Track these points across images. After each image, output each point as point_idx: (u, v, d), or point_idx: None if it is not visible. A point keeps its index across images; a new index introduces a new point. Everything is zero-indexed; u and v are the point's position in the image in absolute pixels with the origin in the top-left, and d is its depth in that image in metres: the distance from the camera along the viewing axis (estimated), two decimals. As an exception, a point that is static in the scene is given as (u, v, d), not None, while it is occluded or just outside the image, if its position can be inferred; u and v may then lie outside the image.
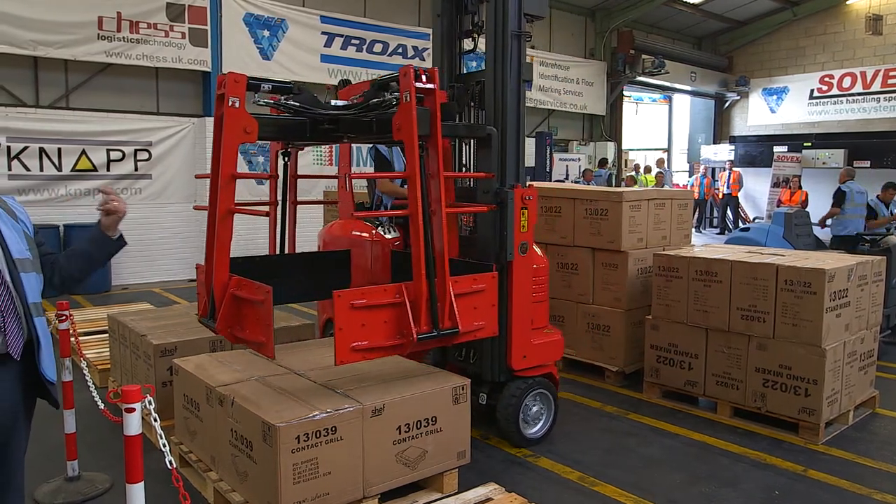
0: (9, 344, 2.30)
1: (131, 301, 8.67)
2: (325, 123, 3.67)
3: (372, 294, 3.32)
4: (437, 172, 3.46)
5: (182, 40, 10.67)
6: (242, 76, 3.30)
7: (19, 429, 2.44)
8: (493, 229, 4.19)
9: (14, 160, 9.47)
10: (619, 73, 18.11)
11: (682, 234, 6.39)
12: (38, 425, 2.83)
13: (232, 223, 3.35)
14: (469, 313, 3.63)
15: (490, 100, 4.22)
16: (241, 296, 3.32)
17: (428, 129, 3.42)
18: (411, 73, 3.31)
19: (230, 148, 3.27)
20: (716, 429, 4.84)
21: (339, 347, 3.19)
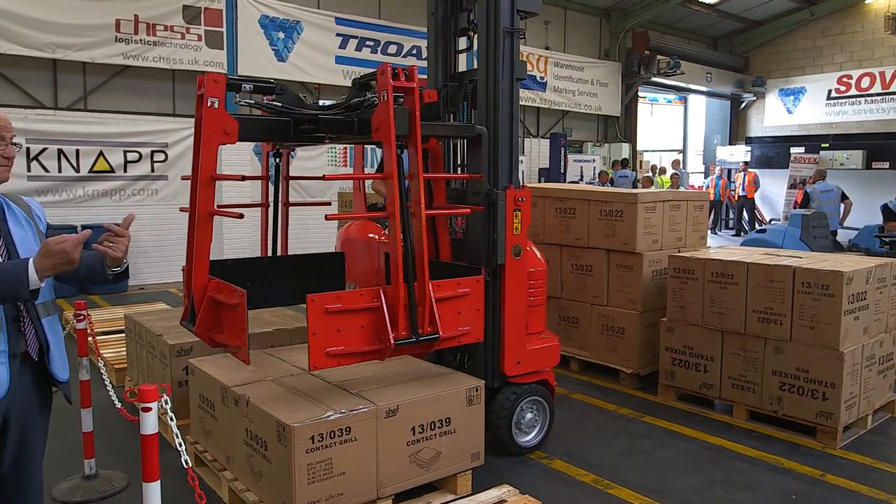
0: (28, 343, 2.33)
1: (147, 301, 8.75)
2: (306, 123, 3.60)
3: (347, 298, 3.23)
4: (417, 173, 3.34)
5: (198, 42, 10.76)
6: (222, 76, 3.24)
7: (38, 427, 2.48)
8: (485, 232, 4.11)
9: (33, 161, 9.59)
10: (634, 73, 18.04)
11: (698, 236, 6.35)
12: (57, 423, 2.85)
13: (211, 225, 3.28)
14: (452, 318, 3.50)
15: (482, 98, 4.16)
16: (218, 299, 3.25)
17: (407, 129, 3.30)
18: (388, 72, 3.21)
19: (210, 149, 3.20)
20: (732, 432, 4.80)
21: (312, 353, 3.08)
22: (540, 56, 16.06)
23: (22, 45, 9.29)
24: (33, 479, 2.50)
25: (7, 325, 2.24)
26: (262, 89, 3.52)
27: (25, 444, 2.42)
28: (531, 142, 16.21)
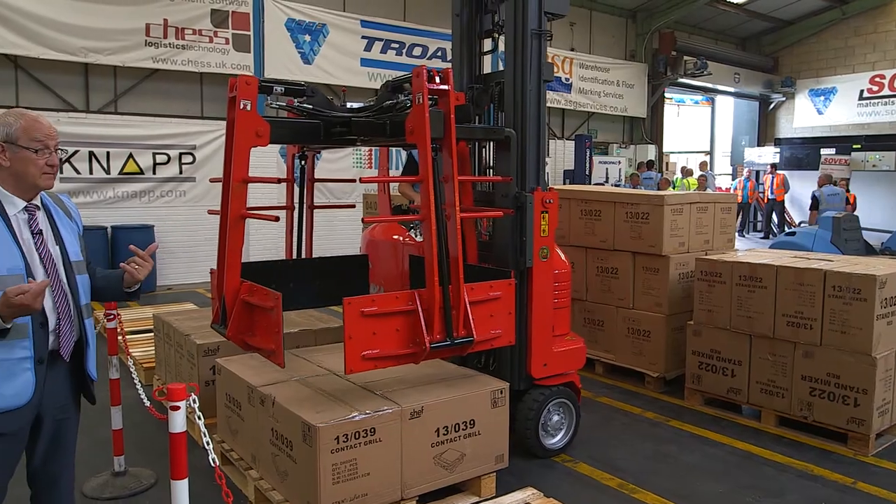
0: (61, 344, 2.37)
1: (175, 301, 8.87)
2: (338, 126, 3.59)
3: (383, 301, 3.21)
4: (452, 176, 3.33)
5: (226, 46, 10.89)
6: (254, 78, 3.25)
7: (70, 423, 2.53)
8: (512, 234, 4.10)
9: (66, 164, 9.77)
10: (661, 74, 17.88)
11: (726, 239, 6.27)
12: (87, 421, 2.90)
13: (243, 228, 3.29)
14: (485, 321, 3.50)
15: (510, 101, 4.15)
16: (251, 302, 3.26)
17: (441, 132, 3.29)
18: (424, 74, 3.19)
19: (242, 151, 3.20)
20: (760, 438, 4.73)
21: (349, 356, 3.08)
22: (565, 57, 15.99)
23: (55, 49, 9.48)
24: (64, 475, 2.56)
25: (33, 331, 2.27)
26: (293, 91, 3.52)
27: (58, 440, 2.47)
28: (556, 143, 16.14)
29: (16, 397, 2.24)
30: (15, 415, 2.26)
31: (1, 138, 2.29)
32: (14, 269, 2.22)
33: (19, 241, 2.29)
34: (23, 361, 2.24)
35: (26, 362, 2.25)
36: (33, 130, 2.31)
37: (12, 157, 2.29)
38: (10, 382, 2.22)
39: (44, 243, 2.36)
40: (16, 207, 2.32)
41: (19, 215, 2.33)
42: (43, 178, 2.35)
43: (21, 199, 2.34)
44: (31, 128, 2.31)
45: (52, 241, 2.40)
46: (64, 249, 2.42)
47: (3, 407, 2.22)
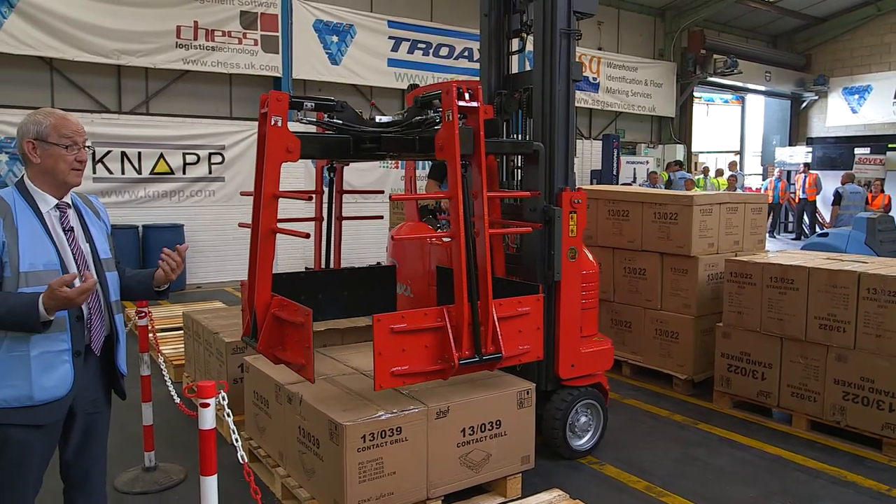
0: (92, 339, 2.43)
1: (204, 299, 8.99)
2: (367, 141, 3.62)
3: (412, 318, 3.22)
4: (481, 192, 3.34)
5: (254, 47, 11.00)
6: (285, 94, 3.28)
7: (101, 418, 2.58)
8: (540, 248, 4.08)
9: (98, 163, 9.96)
10: (690, 73, 17.66)
11: (756, 240, 6.18)
12: (118, 416, 2.96)
13: (274, 243, 3.33)
14: (513, 337, 3.49)
15: (538, 101, 4.13)
16: (282, 317, 3.30)
17: (471, 148, 3.30)
18: (454, 91, 3.20)
19: (273, 167, 3.24)
20: (791, 442, 4.65)
21: (378, 372, 3.09)
22: (593, 56, 15.88)
23: (89, 51, 9.66)
24: (96, 468, 2.61)
25: (70, 324, 2.34)
26: (323, 107, 3.56)
27: (90, 434, 2.53)
28: (583, 143, 16.03)
29: (56, 388, 2.31)
30: (54, 406, 2.33)
31: (32, 136, 2.35)
32: (50, 265, 2.29)
33: (53, 238, 2.35)
34: (62, 354, 2.32)
35: (65, 354, 2.32)
36: (63, 127, 2.36)
37: (43, 154, 2.35)
38: (50, 374, 2.29)
39: (75, 240, 2.42)
40: (48, 205, 2.39)
41: (51, 212, 2.39)
42: (72, 175, 2.40)
43: (53, 197, 2.40)
44: (61, 125, 2.36)
45: (83, 238, 2.46)
46: (94, 247, 2.48)
47: (44, 398, 2.29)
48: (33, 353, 2.26)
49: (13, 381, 2.25)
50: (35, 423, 2.31)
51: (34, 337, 2.25)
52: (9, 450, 2.31)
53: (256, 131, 3.31)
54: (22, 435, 2.30)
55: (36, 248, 2.28)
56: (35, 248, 2.28)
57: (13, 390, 2.25)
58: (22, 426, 2.29)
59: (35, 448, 2.34)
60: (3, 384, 2.24)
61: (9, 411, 2.26)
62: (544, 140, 4.12)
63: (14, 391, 2.25)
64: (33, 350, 2.26)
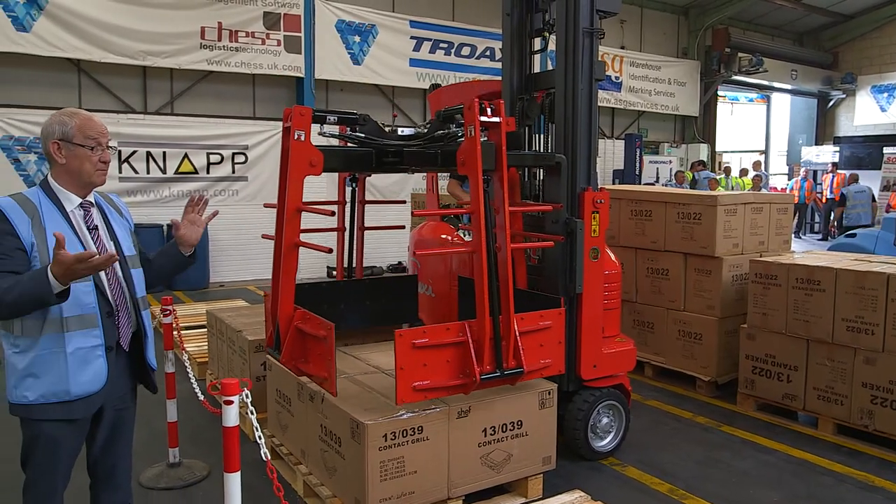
0: (120, 335, 2.47)
1: (228, 298, 9.07)
2: (390, 155, 3.63)
3: (434, 333, 3.20)
4: (503, 206, 3.32)
5: (277, 47, 11.08)
6: (308, 109, 3.30)
7: (128, 414, 2.62)
8: (562, 260, 4.06)
9: (124, 163, 10.10)
10: (714, 72, 17.48)
11: (782, 240, 6.10)
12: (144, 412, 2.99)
13: (297, 256, 3.35)
14: (535, 351, 3.48)
15: (560, 100, 4.11)
16: (304, 330, 3.33)
17: (493, 163, 3.30)
18: (476, 107, 3.20)
19: (296, 181, 3.26)
20: (817, 446, 4.58)
21: (400, 387, 3.09)
22: (615, 55, 15.78)
23: (115, 53, 9.80)
24: (122, 464, 2.65)
25: (102, 320, 2.38)
26: (346, 120, 3.59)
27: (117, 428, 2.57)
28: (605, 143, 15.94)
29: (91, 384, 2.36)
30: (88, 401, 2.38)
31: (57, 136, 2.38)
32: None
33: (80, 236, 2.39)
34: (95, 349, 2.36)
35: (98, 350, 2.37)
36: (87, 129, 2.39)
37: (68, 155, 2.38)
38: (85, 369, 2.34)
39: (99, 238, 2.47)
40: (72, 204, 2.43)
41: (76, 211, 2.43)
42: (97, 175, 2.43)
43: (77, 196, 2.44)
44: (86, 126, 2.39)
45: (107, 236, 2.50)
46: (118, 244, 2.52)
47: (80, 393, 2.34)
48: (69, 349, 2.30)
49: (51, 377, 2.29)
50: (71, 417, 2.36)
51: (68, 334, 2.30)
52: (40, 445, 2.36)
53: (279, 131, 3.35)
54: (53, 430, 2.35)
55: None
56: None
57: (51, 386, 2.30)
58: (54, 421, 2.34)
59: (64, 443, 2.39)
60: (41, 380, 2.29)
61: (46, 407, 2.31)
62: (566, 141, 4.10)
63: (52, 387, 2.30)
64: (69, 346, 2.30)
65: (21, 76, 9.55)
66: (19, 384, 2.31)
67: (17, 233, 2.27)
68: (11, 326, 2.30)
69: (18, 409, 2.35)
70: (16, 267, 2.24)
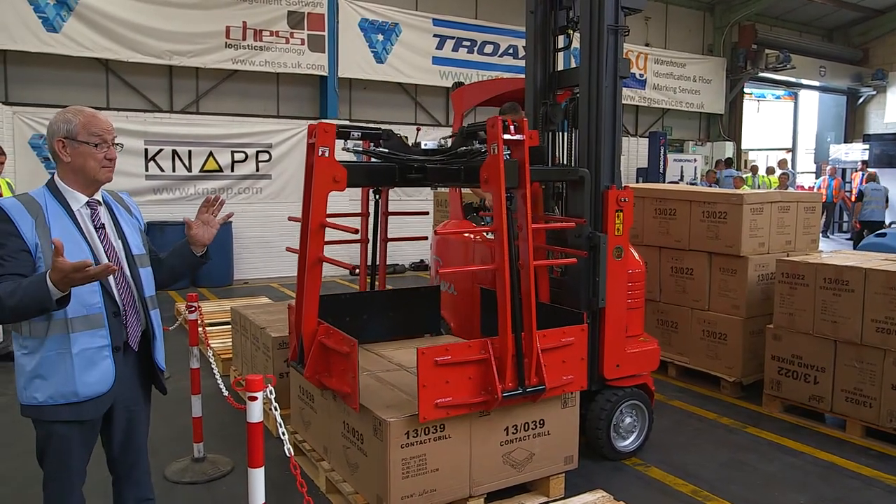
0: (129, 334, 2.44)
1: (251, 295, 9.15)
2: (413, 171, 3.63)
3: (457, 351, 3.21)
4: (526, 224, 3.31)
5: (301, 46, 11.15)
6: (332, 126, 3.31)
7: (141, 412, 2.61)
8: (585, 274, 4.04)
9: (150, 162, 10.24)
10: (740, 69, 17.26)
11: (809, 240, 6.01)
12: (169, 408, 3.04)
13: (321, 271, 3.38)
14: (557, 367, 3.47)
15: (584, 98, 4.09)
16: (328, 345, 3.35)
17: (516, 181, 3.29)
18: (499, 125, 3.19)
19: (320, 196, 3.27)
20: (844, 449, 4.51)
21: (422, 404, 3.09)
22: (640, 53, 15.65)
23: (143, 53, 9.94)
24: (140, 461, 2.65)
25: (108, 320, 2.36)
26: (369, 136, 3.61)
27: (131, 428, 2.56)
28: (629, 141, 15.81)
29: (99, 384, 2.35)
30: (97, 402, 2.37)
31: (62, 134, 2.35)
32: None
33: (86, 235, 2.37)
34: (102, 350, 2.34)
35: (105, 350, 2.35)
36: (92, 126, 2.37)
37: (73, 153, 2.36)
38: (92, 370, 2.33)
39: (106, 237, 2.44)
40: (79, 203, 2.40)
41: (82, 210, 2.40)
42: (102, 172, 2.40)
43: (83, 195, 2.41)
44: (90, 123, 2.37)
45: (115, 235, 2.47)
46: (126, 243, 2.49)
47: (88, 394, 2.33)
48: (75, 349, 2.29)
49: (58, 378, 2.29)
50: (81, 418, 2.35)
51: (74, 334, 2.28)
52: (52, 444, 2.37)
53: (303, 129, 3.38)
54: (64, 430, 2.35)
55: (68, 248, 2.24)
56: (67, 247, 2.25)
57: (59, 387, 2.29)
58: (65, 422, 2.34)
59: (76, 442, 2.39)
60: (49, 381, 2.29)
61: (56, 408, 2.31)
62: (590, 140, 4.08)
63: (60, 388, 2.29)
64: (75, 347, 2.29)
65: (51, 76, 9.73)
66: (28, 385, 2.31)
67: (21, 234, 2.25)
68: (20, 328, 2.29)
69: (29, 409, 2.35)
70: (20, 269, 2.22)
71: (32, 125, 9.43)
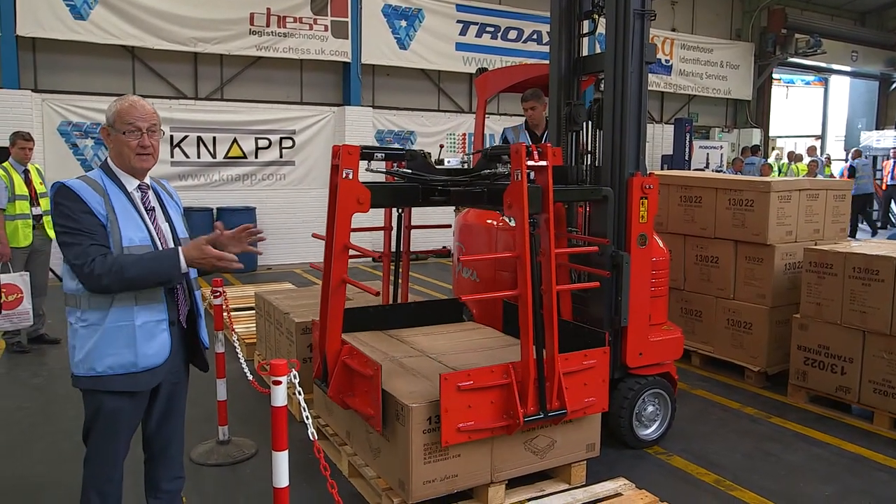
0: (180, 311, 2.57)
1: (275, 280, 9.23)
2: (436, 193, 3.63)
3: (479, 376, 3.21)
4: (549, 250, 3.27)
5: (325, 33, 11.16)
6: (356, 148, 3.32)
7: (181, 388, 2.72)
8: (608, 293, 4.01)
9: (176, 148, 10.34)
10: (769, 54, 16.93)
11: (838, 228, 5.90)
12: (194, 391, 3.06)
13: (344, 293, 3.40)
14: (579, 390, 3.46)
15: (609, 82, 4.05)
16: (352, 366, 3.39)
17: (539, 207, 3.26)
18: (523, 151, 3.16)
19: (344, 218, 3.29)
20: (871, 440, 4.45)
21: (445, 428, 3.12)
22: (666, 38, 15.42)
23: (168, 40, 10.02)
24: (175, 439, 2.75)
25: (165, 296, 2.49)
26: (393, 156, 3.62)
27: (172, 402, 2.67)
28: (654, 128, 15.63)
29: (156, 356, 2.47)
30: (152, 374, 2.48)
31: (106, 122, 2.52)
32: (144, 240, 2.44)
33: (141, 215, 2.49)
34: (161, 323, 2.48)
35: (163, 324, 2.48)
36: (126, 115, 2.45)
37: (113, 140, 2.49)
38: (151, 342, 2.44)
39: (156, 220, 2.56)
40: (131, 185, 2.53)
41: (135, 192, 2.53)
42: (137, 160, 2.48)
43: (134, 179, 2.53)
44: (125, 111, 2.45)
45: (162, 218, 2.60)
46: (173, 226, 2.61)
47: (146, 365, 2.44)
48: (138, 322, 2.41)
49: (119, 350, 2.39)
50: (136, 389, 2.46)
51: (137, 307, 2.40)
52: (101, 418, 2.47)
53: (326, 116, 3.38)
54: (115, 402, 2.45)
55: (131, 225, 2.43)
56: (130, 224, 2.43)
57: (119, 358, 2.39)
58: (117, 394, 2.43)
59: (124, 417, 2.49)
60: (110, 352, 2.39)
61: (113, 378, 2.41)
62: (615, 129, 4.04)
63: (120, 358, 2.39)
64: (137, 320, 2.41)
65: (79, 63, 9.85)
66: (87, 357, 2.40)
67: (94, 211, 2.36)
68: (78, 301, 2.39)
69: (84, 381, 2.43)
70: (102, 241, 2.35)
71: (61, 112, 9.56)
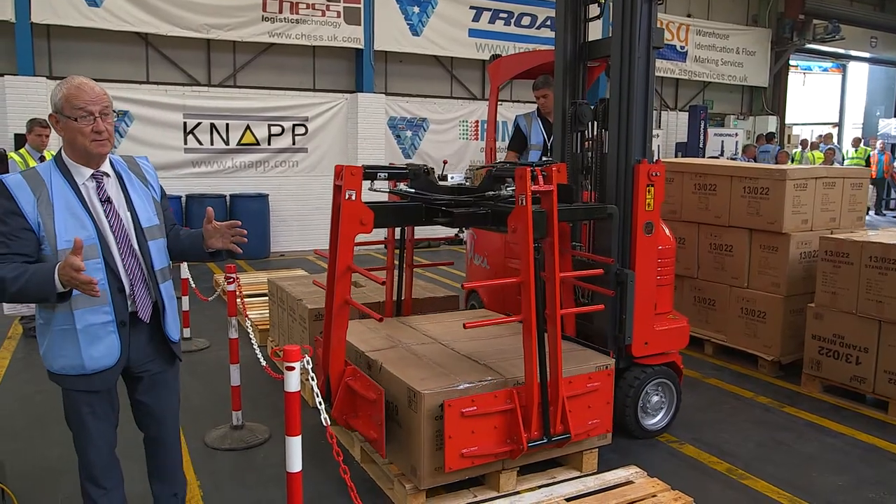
0: (138, 307, 2.42)
1: (288, 267, 9.27)
2: (439, 214, 3.60)
3: (483, 402, 3.19)
4: (553, 274, 3.24)
5: (337, 19, 11.12)
6: (359, 168, 3.29)
7: (166, 376, 2.61)
8: (612, 312, 3.98)
9: (189, 135, 10.37)
10: (786, 40, 16.70)
11: (855, 217, 5.84)
12: (208, 376, 3.11)
13: (348, 314, 3.39)
14: (582, 413, 3.45)
15: (616, 68, 3.99)
16: (355, 388, 3.39)
17: (544, 231, 3.23)
18: (528, 176, 3.12)
19: (347, 239, 3.27)
20: (886, 431, 4.42)
21: (448, 454, 3.12)
22: (681, 24, 15.25)
23: (181, 26, 10.02)
24: (169, 441, 2.68)
25: (112, 297, 2.34)
26: (396, 175, 3.60)
27: (158, 392, 2.58)
28: (668, 115, 15.50)
29: (104, 358, 2.36)
30: (105, 375, 2.39)
31: (53, 109, 2.30)
32: (87, 240, 2.26)
33: (91, 211, 2.33)
34: (106, 325, 2.35)
35: (110, 326, 2.35)
36: (74, 99, 2.27)
37: (63, 128, 2.31)
38: (97, 345, 2.34)
39: (113, 210, 2.38)
40: (83, 176, 2.35)
41: (87, 184, 2.35)
42: (94, 146, 2.30)
43: (87, 168, 2.35)
44: (72, 96, 2.27)
45: (124, 207, 2.42)
46: (135, 215, 2.43)
47: (95, 368, 2.35)
48: (79, 326, 2.30)
49: (67, 352, 2.33)
50: (92, 389, 2.39)
51: (77, 311, 2.29)
52: (73, 408, 2.44)
53: (338, 103, 3.37)
54: (81, 398, 2.41)
55: (72, 224, 2.26)
56: (72, 223, 2.26)
57: (69, 360, 2.33)
58: (80, 391, 2.40)
59: (91, 409, 2.43)
60: (60, 353, 2.34)
61: (69, 377, 2.37)
62: (621, 111, 3.99)
63: (70, 360, 2.33)
64: (79, 323, 2.30)
65: (93, 50, 9.88)
66: (46, 354, 2.38)
67: (23, 212, 2.22)
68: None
69: (51, 376, 2.42)
70: (24, 248, 2.21)
71: (75, 99, 9.59)
